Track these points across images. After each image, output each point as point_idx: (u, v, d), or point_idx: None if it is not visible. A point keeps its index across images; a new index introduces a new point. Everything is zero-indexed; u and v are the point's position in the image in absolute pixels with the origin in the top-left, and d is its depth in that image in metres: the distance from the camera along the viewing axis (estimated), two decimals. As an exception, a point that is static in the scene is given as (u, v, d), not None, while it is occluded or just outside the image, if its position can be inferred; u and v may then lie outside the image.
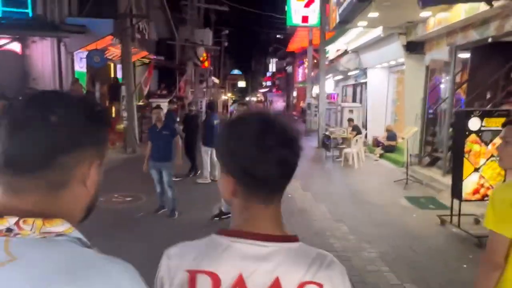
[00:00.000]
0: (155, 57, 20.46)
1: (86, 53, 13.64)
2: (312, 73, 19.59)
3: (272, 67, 50.46)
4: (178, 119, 10.50)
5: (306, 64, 30.48)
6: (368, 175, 9.33)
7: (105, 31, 13.78)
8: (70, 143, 0.68)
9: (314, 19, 16.30)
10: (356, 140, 10.56)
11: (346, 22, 8.24)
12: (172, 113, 9.69)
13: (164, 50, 24.98)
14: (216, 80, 44.11)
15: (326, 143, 11.83)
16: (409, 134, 8.15)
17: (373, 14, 7.48)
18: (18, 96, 0.71)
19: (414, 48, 9.30)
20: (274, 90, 51.08)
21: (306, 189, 7.61)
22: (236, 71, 71.68)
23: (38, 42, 14.74)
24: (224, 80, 61.77)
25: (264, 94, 54.13)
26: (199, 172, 8.67)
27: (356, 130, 11.47)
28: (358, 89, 15.96)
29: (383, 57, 11.23)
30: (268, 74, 55.38)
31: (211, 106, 8.89)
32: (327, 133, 12.10)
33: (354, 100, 16.19)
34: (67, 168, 0.68)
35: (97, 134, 0.73)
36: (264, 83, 60.99)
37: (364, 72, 13.18)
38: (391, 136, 11.30)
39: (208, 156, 8.00)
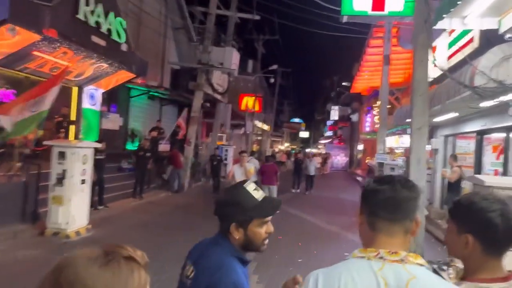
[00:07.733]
0: (141, 81, 13.63)
1: None
2: (388, 118, 11.71)
3: (334, 114, 42.33)
4: None
5: (376, 110, 22.20)
6: None
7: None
8: (414, 208, 1.18)
9: (397, 4, 8.36)
10: None
11: None
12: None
13: (186, 80, 18.49)
14: (265, 127, 36.89)
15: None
16: None
17: None
18: None
19: None
20: (335, 141, 42.64)
21: None
22: (296, 119, 64.48)
23: None
24: (281, 128, 54.84)
25: (325, 145, 45.91)
26: None
27: None
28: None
29: None
30: (330, 122, 47.18)
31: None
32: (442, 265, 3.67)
33: (505, 171, 7.50)
34: (411, 222, 1.19)
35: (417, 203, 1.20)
36: (326, 133, 52.87)
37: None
38: None
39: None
